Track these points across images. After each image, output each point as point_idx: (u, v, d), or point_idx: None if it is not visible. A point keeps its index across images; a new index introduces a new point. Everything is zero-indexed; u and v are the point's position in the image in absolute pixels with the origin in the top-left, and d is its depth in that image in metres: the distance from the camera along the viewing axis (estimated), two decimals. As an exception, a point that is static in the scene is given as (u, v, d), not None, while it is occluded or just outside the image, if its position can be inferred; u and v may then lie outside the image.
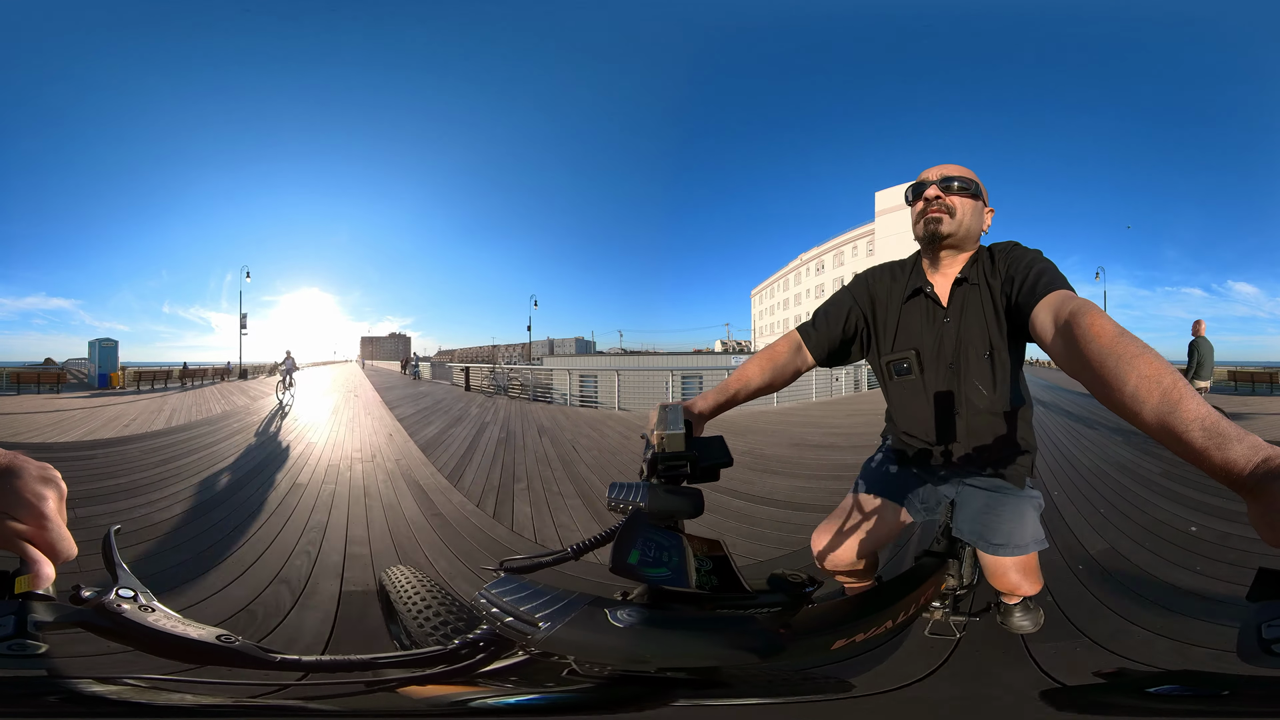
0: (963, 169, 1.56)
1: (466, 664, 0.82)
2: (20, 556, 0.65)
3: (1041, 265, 1.37)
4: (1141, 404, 0.82)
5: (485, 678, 0.81)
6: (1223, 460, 0.72)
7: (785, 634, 0.84)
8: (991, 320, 1.48)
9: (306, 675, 0.79)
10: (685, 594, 0.84)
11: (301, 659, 0.78)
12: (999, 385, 1.50)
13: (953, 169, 1.55)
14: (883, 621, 1.00)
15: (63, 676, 0.67)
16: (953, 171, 1.54)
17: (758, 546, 3.45)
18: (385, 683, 0.80)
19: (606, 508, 0.96)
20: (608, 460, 6.17)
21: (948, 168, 1.56)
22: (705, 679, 0.80)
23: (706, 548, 0.97)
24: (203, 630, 0.75)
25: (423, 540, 3.62)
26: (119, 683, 0.71)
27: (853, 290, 1.66)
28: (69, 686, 0.67)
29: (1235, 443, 0.72)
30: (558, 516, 4.14)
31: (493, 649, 0.83)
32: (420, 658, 0.87)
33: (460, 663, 0.82)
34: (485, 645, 0.84)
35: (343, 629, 2.35)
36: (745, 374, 1.55)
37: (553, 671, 0.80)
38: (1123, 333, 0.94)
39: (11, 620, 0.64)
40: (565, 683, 0.80)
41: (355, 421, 9.30)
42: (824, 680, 0.96)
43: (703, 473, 1.05)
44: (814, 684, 0.94)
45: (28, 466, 0.68)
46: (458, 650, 0.85)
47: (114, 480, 5.10)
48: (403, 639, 1.18)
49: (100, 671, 0.69)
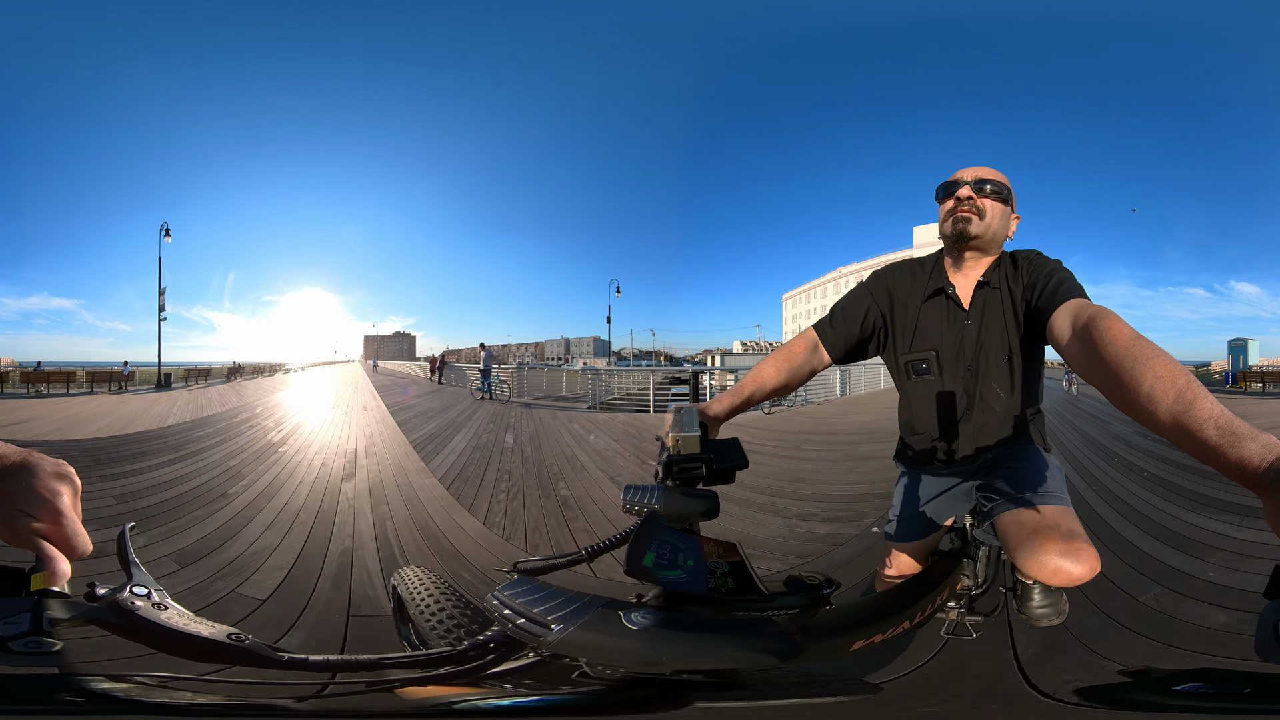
0: (997, 173, 1.56)
1: (474, 665, 0.82)
2: (36, 553, 0.65)
3: (1062, 274, 1.38)
4: (1156, 404, 0.83)
5: (493, 679, 0.81)
6: (1237, 458, 0.72)
7: (804, 636, 0.83)
8: (1011, 324, 1.48)
9: (313, 675, 0.79)
10: (701, 596, 0.84)
11: (309, 659, 0.78)
12: (1016, 389, 1.50)
13: (987, 172, 1.55)
14: (900, 622, 1.00)
15: (78, 674, 0.67)
16: (987, 175, 1.54)
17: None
18: (387, 683, 0.80)
19: (621, 510, 0.96)
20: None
21: (982, 170, 1.56)
22: (724, 681, 0.80)
23: (722, 550, 0.96)
24: (214, 629, 0.75)
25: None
26: (132, 680, 0.71)
27: (871, 288, 1.65)
28: (84, 684, 0.67)
29: (1249, 441, 0.73)
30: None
31: (503, 651, 0.83)
32: (427, 659, 0.87)
33: (468, 664, 0.82)
34: (495, 647, 0.84)
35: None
36: (761, 375, 1.55)
37: (563, 673, 0.80)
38: (1138, 336, 0.95)
39: (27, 617, 0.64)
40: (576, 684, 0.80)
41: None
42: (844, 681, 0.95)
43: (718, 475, 1.05)
44: (834, 685, 0.94)
45: (42, 463, 0.68)
46: (466, 652, 0.85)
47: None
48: (413, 640, 1.18)
49: (114, 669, 0.70)
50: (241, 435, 7.76)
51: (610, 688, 0.79)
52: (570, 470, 5.62)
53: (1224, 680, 1.12)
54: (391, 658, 0.84)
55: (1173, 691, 0.93)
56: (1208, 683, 1.10)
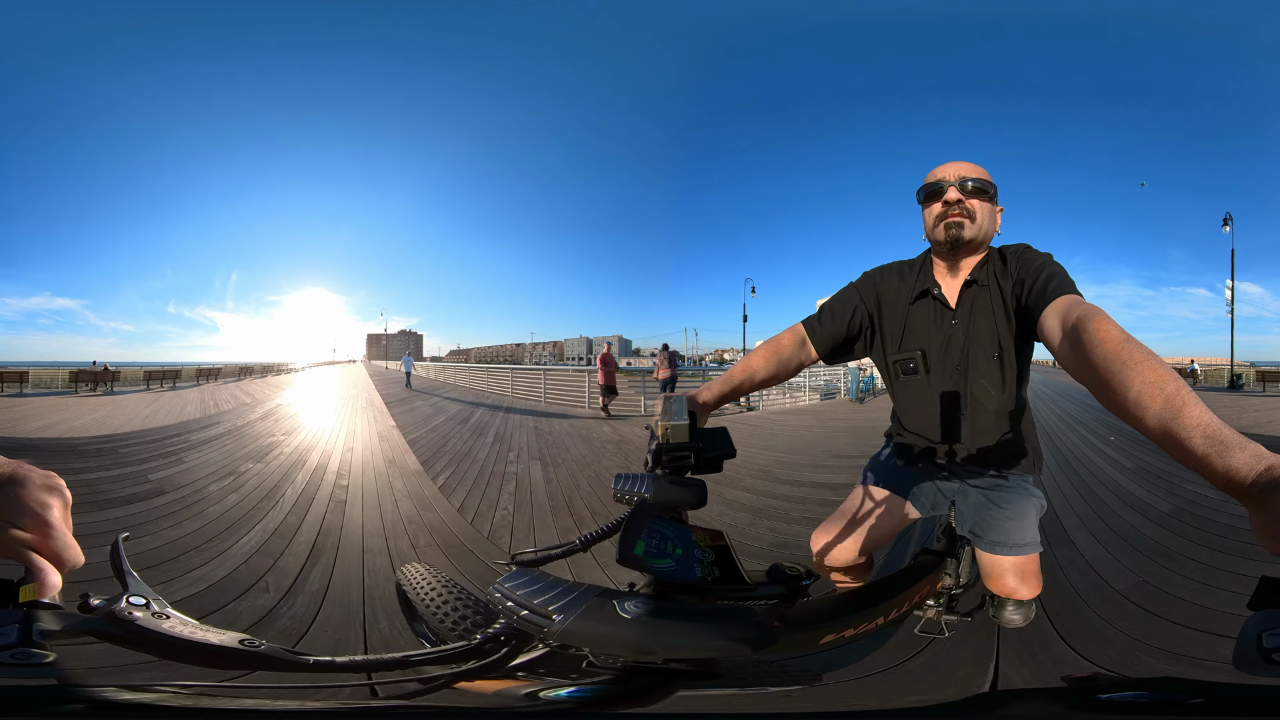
0: (977, 168, 1.54)
1: (496, 658, 0.82)
2: (25, 565, 0.65)
3: (1052, 269, 1.37)
4: (1144, 410, 0.82)
5: (517, 671, 0.81)
6: (1224, 468, 0.71)
7: (778, 626, 0.85)
8: (1002, 322, 1.48)
9: (341, 676, 0.78)
10: (689, 585, 0.86)
11: (335, 660, 0.77)
12: (1008, 386, 1.50)
13: (969, 169, 1.53)
14: (874, 618, 1.01)
15: (74, 684, 0.66)
16: (970, 172, 1.52)
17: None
18: (435, 679, 0.78)
19: (613, 499, 0.99)
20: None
21: (964, 167, 1.53)
22: (705, 670, 0.82)
23: (709, 538, 0.99)
24: (223, 635, 0.74)
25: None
26: (138, 690, 0.69)
27: (859, 288, 1.66)
28: (81, 694, 0.65)
29: (1237, 451, 0.71)
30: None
31: (514, 643, 0.83)
32: (451, 653, 0.86)
33: (489, 657, 0.82)
34: (507, 639, 0.84)
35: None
36: (750, 365, 1.57)
37: (574, 663, 0.81)
38: (1128, 339, 0.94)
39: (15, 629, 0.63)
40: (585, 674, 0.81)
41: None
42: (803, 673, 0.98)
43: (706, 464, 1.07)
44: (794, 676, 0.96)
45: (32, 475, 0.68)
46: (482, 645, 0.85)
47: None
48: (428, 635, 1.18)
49: (113, 679, 0.67)
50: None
51: (617, 677, 0.80)
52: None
53: (1180, 690, 1.15)
54: (414, 655, 0.83)
55: (1109, 700, 0.95)
56: (1166, 692, 1.13)
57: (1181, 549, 3.13)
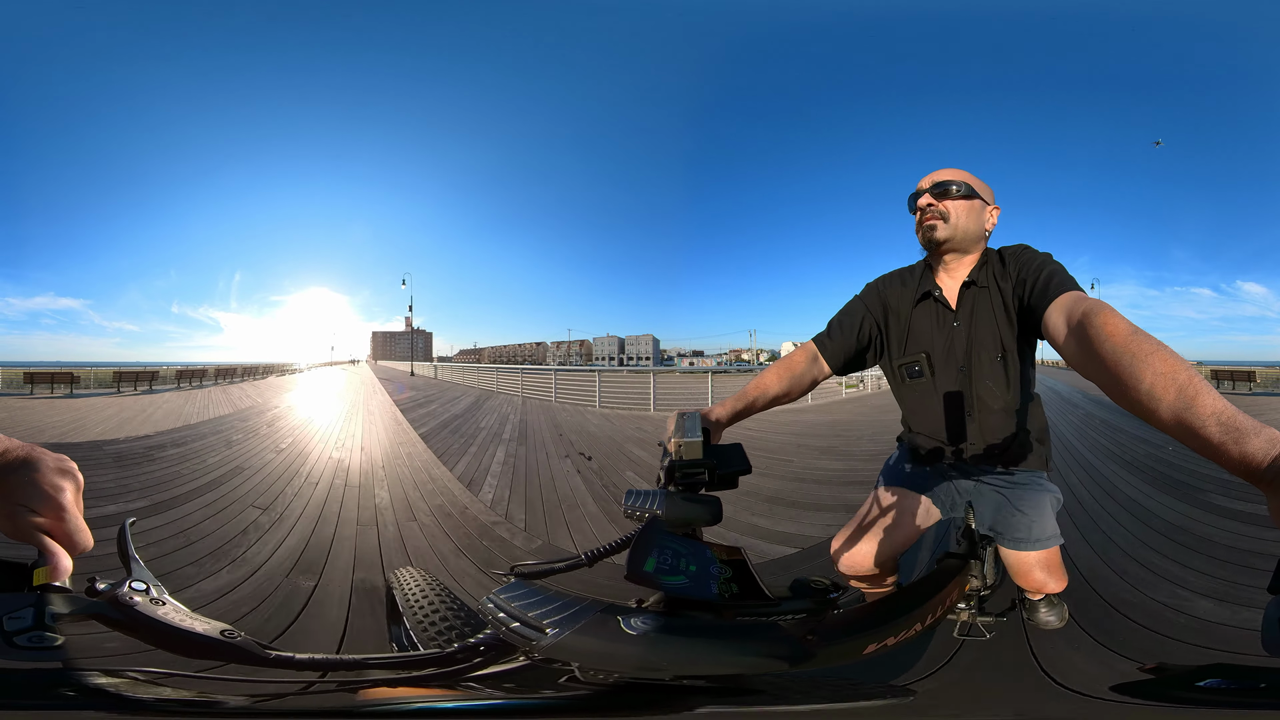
0: (956, 171, 1.58)
1: (456, 669, 0.81)
2: (38, 548, 0.67)
3: (1052, 267, 1.38)
4: (1158, 401, 0.81)
5: (472, 683, 0.80)
6: (1240, 454, 0.72)
7: (813, 640, 0.82)
8: (1003, 322, 1.50)
9: (297, 674, 0.79)
10: (704, 601, 0.83)
11: (295, 656, 0.78)
12: (1013, 386, 1.52)
13: (945, 173, 1.57)
14: (912, 625, 0.98)
15: (78, 669, 0.67)
16: (944, 176, 1.57)
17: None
18: (358, 683, 0.80)
19: (623, 515, 0.95)
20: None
21: (940, 173, 1.58)
22: (730, 687, 0.79)
23: (726, 555, 0.95)
24: (209, 625, 0.76)
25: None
26: (127, 676, 0.72)
27: (865, 299, 1.70)
28: (82, 679, 0.67)
29: (1253, 436, 0.72)
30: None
31: (490, 654, 0.82)
32: (412, 660, 0.86)
33: (451, 667, 0.82)
34: (485, 650, 0.83)
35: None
36: (763, 383, 1.58)
37: (550, 678, 0.79)
38: (1136, 331, 0.93)
39: (30, 612, 0.64)
40: (559, 689, 0.79)
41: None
42: (871, 685, 0.94)
43: (721, 480, 1.04)
44: (861, 690, 0.92)
45: (45, 459, 0.69)
46: (454, 655, 0.84)
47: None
48: (401, 641, 1.17)
49: (112, 665, 0.70)
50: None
51: (598, 692, 0.78)
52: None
53: (1238, 676, 1.11)
54: (376, 658, 0.83)
55: (1194, 687, 0.91)
56: (1224, 678, 1.09)
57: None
